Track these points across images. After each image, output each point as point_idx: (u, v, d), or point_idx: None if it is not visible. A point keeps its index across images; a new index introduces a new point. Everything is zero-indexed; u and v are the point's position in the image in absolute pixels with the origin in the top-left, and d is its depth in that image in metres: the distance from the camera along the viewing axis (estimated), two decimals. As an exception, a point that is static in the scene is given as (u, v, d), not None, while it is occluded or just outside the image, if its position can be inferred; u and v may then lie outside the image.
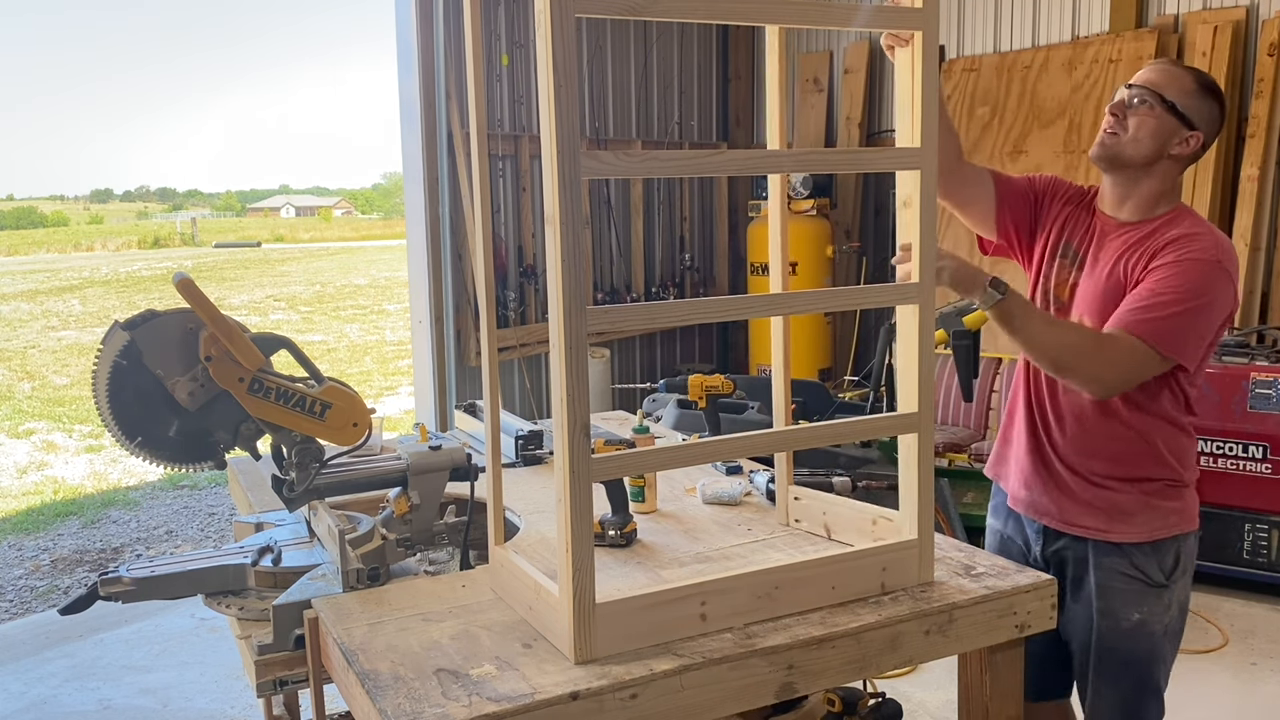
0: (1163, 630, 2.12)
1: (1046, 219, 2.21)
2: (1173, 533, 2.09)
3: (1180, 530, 2.10)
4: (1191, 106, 2.02)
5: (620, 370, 7.07)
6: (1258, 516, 4.23)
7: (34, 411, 10.29)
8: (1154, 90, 2.02)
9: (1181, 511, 2.11)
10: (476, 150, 1.81)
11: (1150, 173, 2.05)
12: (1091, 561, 2.12)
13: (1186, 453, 2.11)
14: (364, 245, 40.47)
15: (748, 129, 7.82)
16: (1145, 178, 2.06)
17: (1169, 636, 2.14)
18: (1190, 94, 2.02)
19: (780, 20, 1.80)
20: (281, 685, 1.81)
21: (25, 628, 4.65)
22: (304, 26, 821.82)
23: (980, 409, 5.51)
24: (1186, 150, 2.04)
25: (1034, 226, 2.23)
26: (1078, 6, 5.85)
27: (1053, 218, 2.20)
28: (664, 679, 1.57)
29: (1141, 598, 2.09)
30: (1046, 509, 2.18)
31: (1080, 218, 2.16)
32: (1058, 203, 2.21)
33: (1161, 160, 2.04)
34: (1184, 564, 2.12)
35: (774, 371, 2.13)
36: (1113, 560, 2.10)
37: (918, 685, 3.55)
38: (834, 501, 2.10)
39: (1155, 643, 2.12)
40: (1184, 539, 2.11)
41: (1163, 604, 2.10)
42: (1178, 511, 2.10)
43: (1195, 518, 2.14)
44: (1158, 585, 2.09)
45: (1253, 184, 5.04)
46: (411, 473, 2.19)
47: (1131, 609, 2.10)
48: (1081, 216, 2.16)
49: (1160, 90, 2.02)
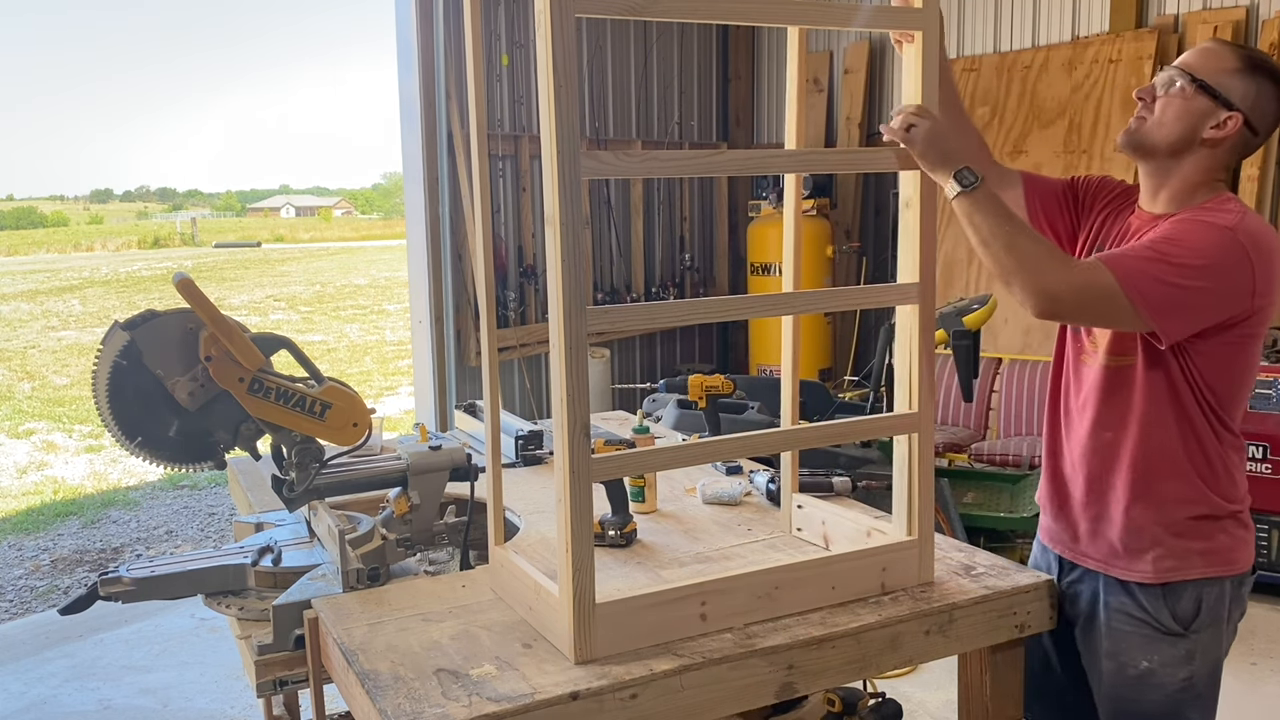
0: (1178, 686, 1.84)
1: (1087, 220, 2.01)
2: (1191, 576, 1.82)
3: (1206, 574, 1.83)
4: (1229, 85, 1.78)
5: (620, 370, 7.07)
6: (1258, 516, 4.19)
7: (34, 411, 10.28)
8: (1184, 69, 1.81)
9: (1209, 553, 1.83)
10: (476, 150, 1.81)
11: (1182, 160, 1.82)
12: (1101, 599, 1.91)
13: (1219, 476, 1.84)
14: (364, 245, 40.46)
15: (748, 129, 7.81)
16: (1177, 166, 1.83)
17: (1190, 695, 1.85)
18: (1229, 71, 1.79)
19: (780, 20, 1.79)
20: (281, 685, 1.81)
21: (25, 628, 4.65)
22: (304, 26, 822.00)
23: (980, 409, 5.52)
24: (1223, 133, 1.79)
25: (1074, 229, 2.02)
26: (1078, 6, 5.85)
27: (1094, 218, 2.00)
28: (664, 679, 1.57)
29: (1150, 644, 1.85)
30: (1059, 536, 2.00)
31: (1122, 215, 1.95)
32: (1100, 201, 2.00)
33: (1195, 146, 1.81)
34: (1211, 613, 1.84)
35: (783, 373, 2.12)
36: (1119, 599, 1.88)
37: (918, 685, 3.55)
38: (833, 511, 2.09)
39: (1169, 698, 1.85)
40: (1208, 585, 1.83)
41: (1178, 654, 1.84)
42: (1204, 553, 1.83)
43: (1233, 560, 1.85)
44: (1172, 633, 1.84)
45: (1253, 184, 5.04)
46: (411, 473, 2.19)
47: (1139, 655, 1.86)
48: (1122, 214, 1.95)
49: (1191, 69, 1.80)
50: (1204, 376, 1.81)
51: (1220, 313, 1.75)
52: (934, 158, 1.74)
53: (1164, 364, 1.81)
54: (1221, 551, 1.84)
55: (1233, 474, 1.87)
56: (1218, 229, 1.73)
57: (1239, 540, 1.87)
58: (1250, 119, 1.79)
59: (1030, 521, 4.13)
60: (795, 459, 2.18)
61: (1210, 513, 1.84)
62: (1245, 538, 1.88)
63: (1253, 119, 1.80)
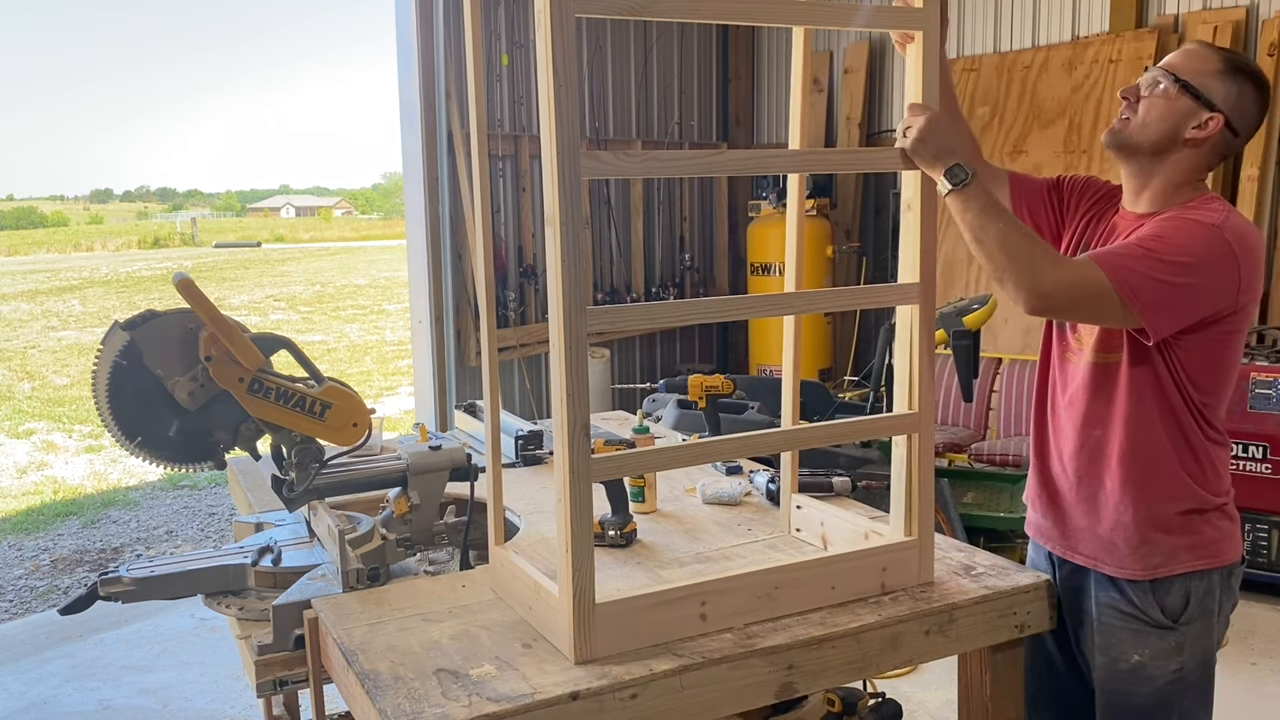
0: (1169, 678, 1.87)
1: (1071, 220, 2.04)
2: (1178, 570, 1.85)
3: (1193, 568, 1.86)
4: (1211, 86, 1.82)
5: (620, 370, 7.07)
6: (1258, 516, 4.23)
7: (34, 411, 10.28)
8: (1168, 70, 1.85)
9: (1196, 547, 1.86)
10: (476, 150, 1.81)
11: (1164, 160, 1.86)
12: (1091, 594, 1.94)
13: (1205, 472, 1.87)
14: (364, 245, 40.47)
15: (748, 129, 7.81)
16: (1159, 165, 1.87)
17: (1182, 687, 1.88)
18: (1212, 73, 1.83)
19: (780, 20, 1.79)
20: (281, 685, 1.81)
21: (25, 628, 4.65)
22: (304, 26, 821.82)
23: (980, 409, 5.52)
24: (1205, 134, 1.82)
25: (1059, 228, 2.05)
26: (1078, 6, 5.85)
27: (1078, 218, 2.03)
28: (664, 679, 1.57)
29: (1140, 638, 1.88)
30: (1049, 532, 2.02)
31: (1106, 216, 1.98)
32: (1085, 202, 2.03)
33: (1177, 146, 1.84)
34: (1200, 605, 1.87)
35: (784, 373, 2.12)
36: (1109, 595, 1.91)
37: (918, 685, 3.55)
38: (832, 512, 2.09)
39: (1160, 690, 1.87)
40: (1195, 578, 1.86)
41: (1168, 647, 1.87)
42: (1191, 548, 1.86)
43: (1220, 552, 1.88)
44: (1161, 627, 1.87)
45: (1253, 184, 5.04)
46: (411, 473, 2.19)
47: (1129, 650, 1.89)
48: (1106, 215, 1.98)
49: (1175, 70, 1.84)
50: (1189, 372, 1.83)
51: (1206, 309, 1.77)
52: (926, 155, 1.75)
53: (1150, 361, 1.83)
54: (1208, 545, 1.87)
55: (1218, 469, 1.90)
56: (1204, 227, 1.76)
57: (1225, 533, 1.89)
58: (1231, 120, 1.83)
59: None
60: (795, 459, 2.18)
61: (1196, 507, 1.86)
62: (1231, 530, 1.91)
63: (1234, 120, 1.84)
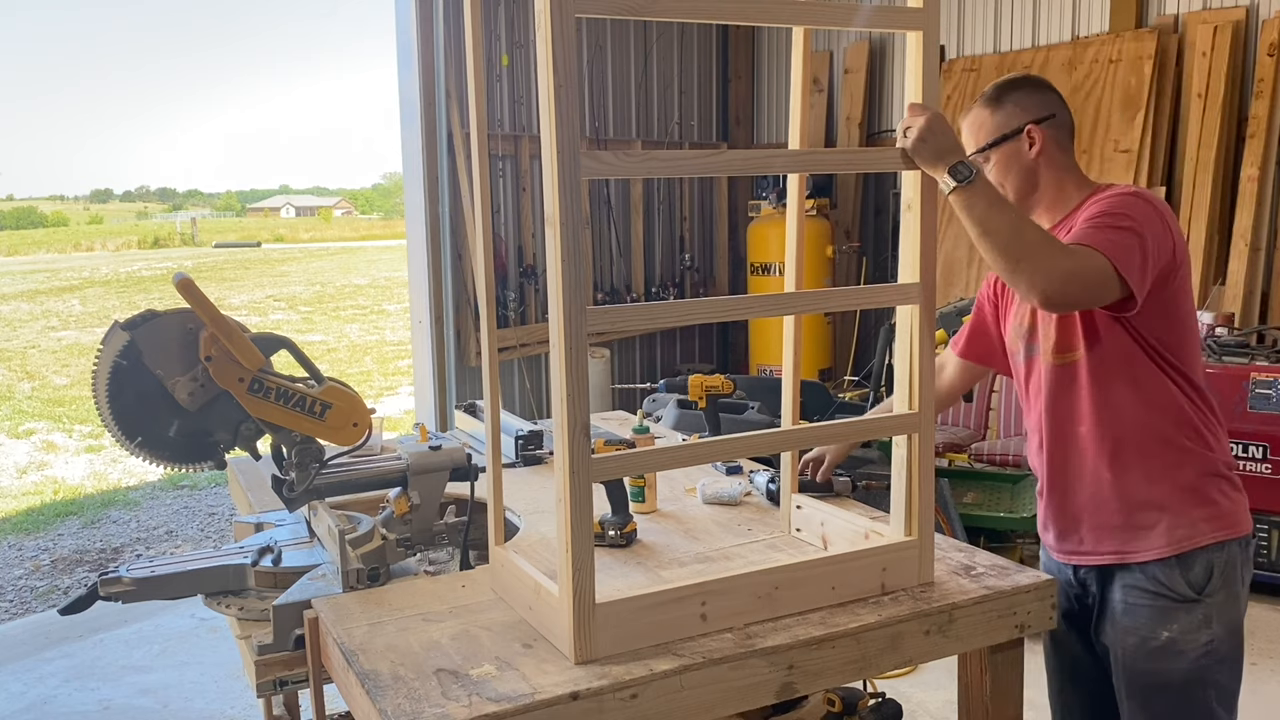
0: (1200, 651, 1.90)
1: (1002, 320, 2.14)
2: (1201, 543, 1.89)
3: (1212, 539, 1.90)
4: (1000, 121, 1.98)
5: (620, 370, 7.07)
6: (1258, 516, 4.21)
7: (34, 411, 10.29)
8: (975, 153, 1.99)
9: (1214, 518, 1.90)
10: (476, 150, 1.81)
11: (1040, 185, 1.98)
12: (1116, 584, 1.97)
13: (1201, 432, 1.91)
14: (364, 245, 40.48)
15: (748, 129, 7.82)
16: (1041, 193, 1.99)
17: (1214, 659, 1.92)
18: (989, 116, 2.00)
19: (780, 20, 1.79)
20: (281, 685, 1.81)
21: (25, 628, 4.65)
22: (304, 26, 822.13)
23: (980, 409, 5.51)
24: (1039, 146, 1.96)
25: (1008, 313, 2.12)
26: (1078, 7, 5.85)
27: (1002, 312, 2.13)
28: (664, 679, 1.57)
29: (1167, 615, 1.91)
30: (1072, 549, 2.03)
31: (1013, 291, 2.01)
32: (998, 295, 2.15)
33: (1035, 171, 1.97)
34: (1222, 576, 1.91)
35: (784, 373, 2.12)
36: (1134, 577, 1.94)
37: (918, 685, 3.55)
38: (832, 512, 2.09)
39: (1193, 665, 1.91)
40: (1217, 550, 1.90)
41: (1196, 620, 1.90)
42: (1209, 519, 1.90)
43: (1236, 522, 1.92)
44: (1188, 600, 1.90)
45: (1253, 184, 5.04)
46: (411, 473, 2.19)
47: (1158, 627, 1.92)
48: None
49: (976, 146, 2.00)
50: (1157, 334, 1.88)
51: (1163, 259, 1.83)
52: (927, 154, 1.73)
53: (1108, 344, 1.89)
54: (1225, 515, 1.92)
55: (1215, 431, 1.94)
56: (1128, 194, 1.87)
57: (1237, 503, 1.95)
58: (1037, 118, 1.97)
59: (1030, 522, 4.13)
60: (795, 459, 2.18)
61: (1206, 470, 1.92)
62: (1242, 501, 1.96)
63: (1038, 116, 1.97)
